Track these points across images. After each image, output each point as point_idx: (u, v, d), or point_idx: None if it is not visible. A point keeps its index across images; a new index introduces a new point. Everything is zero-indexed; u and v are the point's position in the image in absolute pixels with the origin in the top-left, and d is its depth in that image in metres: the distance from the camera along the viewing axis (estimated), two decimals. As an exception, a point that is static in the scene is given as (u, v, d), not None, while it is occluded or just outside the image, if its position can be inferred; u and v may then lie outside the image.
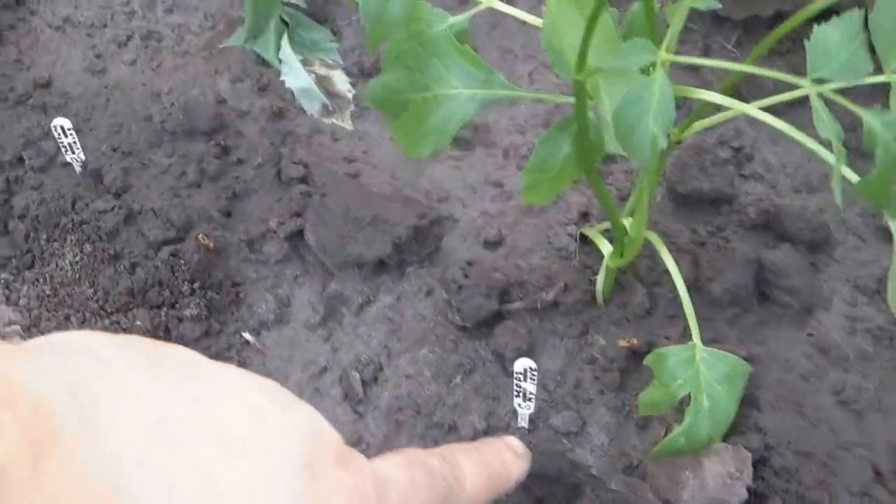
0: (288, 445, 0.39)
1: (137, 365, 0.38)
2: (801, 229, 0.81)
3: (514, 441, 0.56)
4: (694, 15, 0.76)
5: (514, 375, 0.71)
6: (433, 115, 0.63)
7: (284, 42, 0.94)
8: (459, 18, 0.65)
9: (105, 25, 1.00)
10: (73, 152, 0.85)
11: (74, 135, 0.83)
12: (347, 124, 0.92)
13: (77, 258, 0.82)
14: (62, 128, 0.83)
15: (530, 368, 0.70)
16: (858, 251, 0.82)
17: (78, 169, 0.87)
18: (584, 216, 0.85)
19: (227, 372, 0.43)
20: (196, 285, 0.81)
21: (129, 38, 0.98)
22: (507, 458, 0.54)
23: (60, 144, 0.84)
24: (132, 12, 1.01)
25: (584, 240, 0.83)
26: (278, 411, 0.41)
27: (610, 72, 0.55)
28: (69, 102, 0.92)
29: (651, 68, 0.52)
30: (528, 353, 0.77)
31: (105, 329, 0.79)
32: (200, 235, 0.82)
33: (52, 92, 0.93)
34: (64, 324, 0.80)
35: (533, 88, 0.95)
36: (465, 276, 0.80)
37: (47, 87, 0.94)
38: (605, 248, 0.76)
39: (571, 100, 0.61)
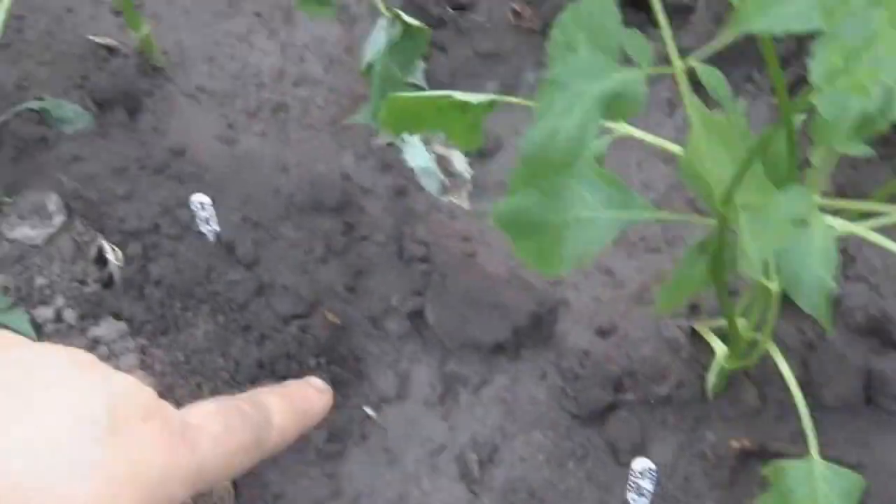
0: (90, 406, 0.41)
1: None
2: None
3: (315, 380, 0.60)
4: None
5: (631, 472, 0.74)
6: (573, 238, 0.63)
7: (408, 121, 0.97)
8: (596, 143, 0.67)
9: (236, 95, 1.04)
10: (209, 224, 0.89)
11: (212, 210, 0.88)
12: (465, 203, 0.96)
13: (210, 328, 0.86)
14: (201, 203, 0.87)
15: (650, 469, 0.73)
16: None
17: (211, 239, 0.91)
18: (693, 309, 0.87)
19: (40, 349, 0.46)
20: (322, 359, 0.85)
21: (259, 109, 1.03)
22: (311, 394, 0.58)
23: (198, 217, 0.88)
24: (262, 84, 1.05)
25: (693, 332, 0.85)
26: (80, 377, 0.43)
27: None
28: (202, 172, 0.96)
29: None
30: (640, 445, 0.79)
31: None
32: (328, 313, 0.85)
33: (187, 160, 0.98)
34: (196, 391, 0.83)
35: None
36: (582, 366, 0.83)
37: (182, 155, 0.98)
38: (719, 347, 0.79)
39: (705, 221, 0.64)
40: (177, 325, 0.87)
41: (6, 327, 0.79)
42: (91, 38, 1.08)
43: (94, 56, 1.07)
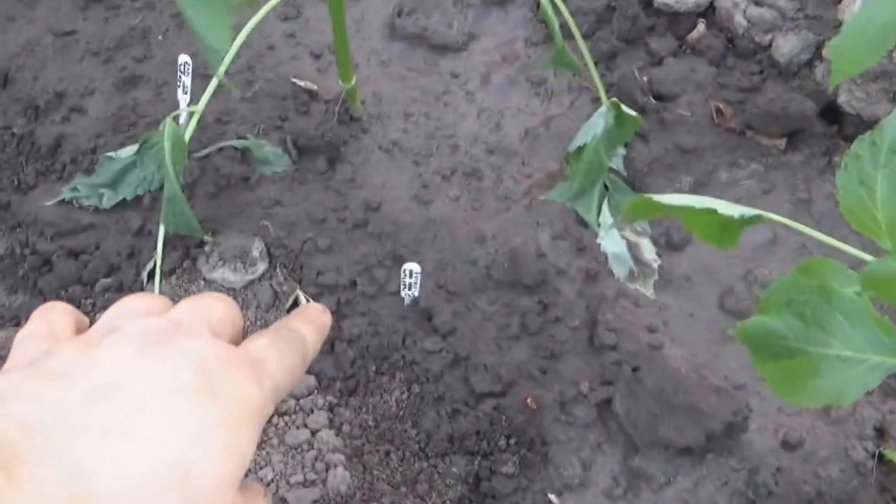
0: (185, 382, 0.49)
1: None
2: None
3: (318, 305, 0.66)
4: None
5: None
6: (831, 374, 0.62)
7: (605, 206, 0.98)
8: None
9: (430, 155, 1.05)
10: (411, 290, 0.90)
11: (420, 278, 0.88)
12: (650, 293, 0.96)
13: (404, 395, 0.87)
14: (410, 271, 0.88)
15: None
16: None
17: (407, 302, 0.92)
18: (880, 433, 0.86)
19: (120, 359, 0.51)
20: (512, 440, 0.85)
21: (453, 172, 1.03)
22: (321, 314, 0.64)
23: (404, 283, 0.89)
24: (456, 146, 1.06)
25: (881, 458, 0.84)
26: (164, 366, 0.49)
27: None
28: (399, 231, 0.97)
29: None
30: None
31: (418, 471, 0.83)
32: (530, 399, 0.86)
33: (382, 217, 0.99)
34: (384, 459, 0.84)
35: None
36: (776, 483, 0.82)
37: (378, 211, 0.99)
38: (920, 483, 0.78)
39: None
40: (367, 386, 0.88)
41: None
42: (294, 80, 1.09)
43: (295, 99, 1.08)
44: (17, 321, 0.95)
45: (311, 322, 0.64)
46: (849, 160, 0.64)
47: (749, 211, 0.66)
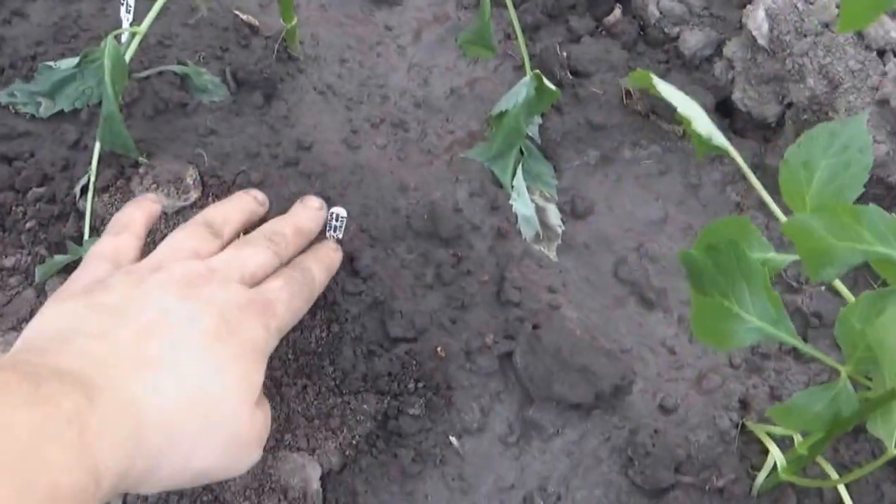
0: (206, 326, 0.55)
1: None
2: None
3: (331, 243, 0.72)
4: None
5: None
6: (728, 323, 0.62)
7: (519, 170, 0.92)
8: (779, 258, 0.63)
9: (361, 102, 0.97)
10: (336, 233, 0.83)
11: (345, 223, 0.81)
12: (553, 255, 0.91)
13: (323, 333, 0.80)
14: (337, 215, 0.81)
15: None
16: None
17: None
18: (744, 405, 0.84)
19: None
20: (420, 384, 0.79)
21: (382, 121, 0.96)
22: (333, 253, 0.71)
23: (330, 225, 0.82)
24: (386, 97, 0.98)
25: (743, 429, 0.82)
26: (190, 309, 0.57)
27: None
28: (327, 173, 0.89)
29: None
30: (690, 527, 0.77)
31: (332, 407, 0.77)
32: (440, 349, 0.80)
33: (313, 157, 0.90)
34: (301, 393, 0.77)
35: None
36: (653, 444, 0.79)
37: (309, 151, 0.91)
38: (778, 456, 0.76)
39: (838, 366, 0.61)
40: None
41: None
42: (236, 12, 0.99)
43: (236, 31, 0.98)
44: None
45: (322, 261, 0.68)
46: (803, 140, 0.63)
47: (717, 137, 0.62)
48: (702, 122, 0.62)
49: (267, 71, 0.94)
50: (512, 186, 0.91)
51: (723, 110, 1.02)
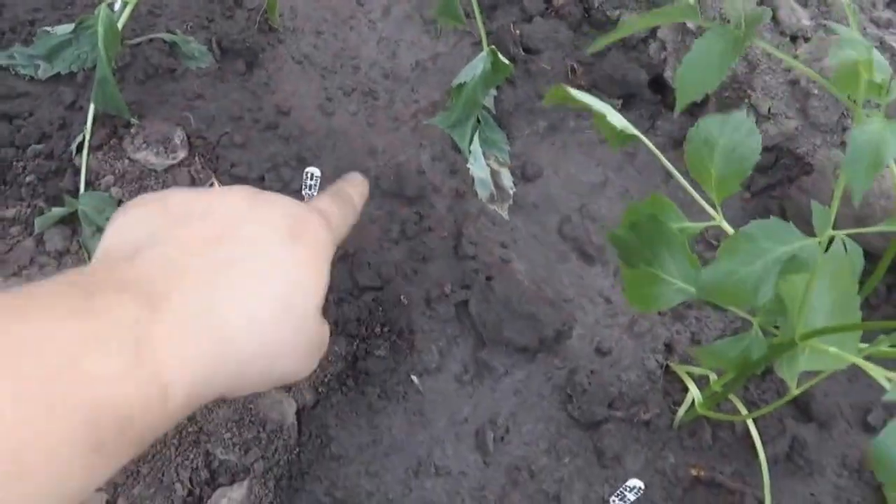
0: (278, 230, 0.46)
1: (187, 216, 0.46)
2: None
3: (358, 175, 0.63)
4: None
5: (624, 487, 0.69)
6: (651, 287, 0.60)
7: (476, 137, 0.87)
8: (694, 225, 0.60)
9: (335, 72, 0.91)
10: (311, 191, 0.78)
11: (319, 182, 0.76)
12: (504, 213, 0.87)
13: (300, 282, 0.75)
14: (312, 174, 0.76)
15: (640, 487, 0.68)
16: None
17: (307, 200, 0.79)
18: (668, 348, 0.82)
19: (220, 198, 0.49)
20: (386, 328, 0.76)
21: (353, 90, 0.90)
22: (362, 182, 0.62)
23: (304, 184, 0.77)
24: (357, 67, 0.92)
25: (667, 369, 0.80)
26: (260, 216, 0.47)
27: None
28: (304, 136, 0.84)
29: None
30: (620, 455, 0.74)
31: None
32: (403, 296, 0.76)
33: (291, 122, 0.85)
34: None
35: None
36: (589, 383, 0.77)
37: (287, 116, 0.85)
38: (696, 393, 0.74)
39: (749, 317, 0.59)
40: (269, 271, 0.76)
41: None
42: (221, -14, 0.92)
43: (222, 3, 0.91)
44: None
45: (355, 187, 0.62)
46: (701, 122, 0.59)
47: (629, 128, 0.59)
48: (614, 117, 0.58)
49: (249, 41, 0.88)
50: (469, 151, 0.87)
51: (655, 87, 0.98)
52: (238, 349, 0.42)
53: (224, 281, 0.43)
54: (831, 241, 0.55)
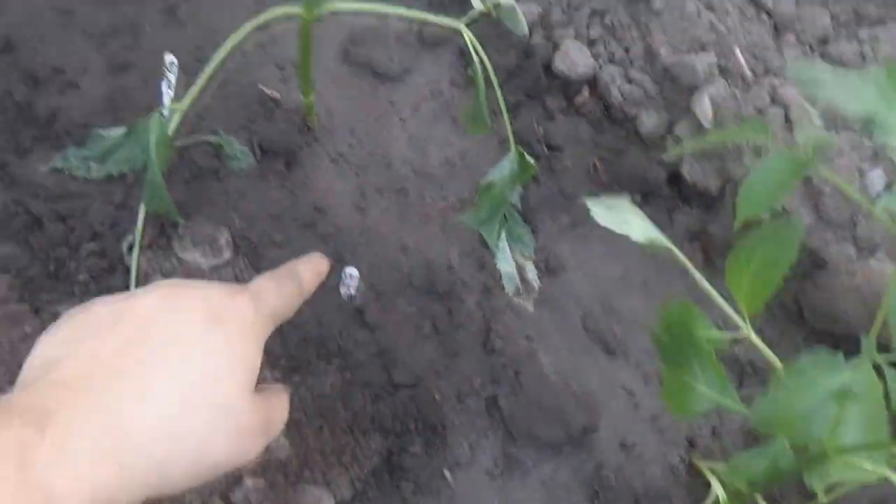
0: (194, 318, 0.47)
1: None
2: None
3: (318, 254, 0.63)
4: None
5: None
6: (688, 396, 0.63)
7: (503, 233, 0.91)
8: (720, 335, 0.64)
9: (368, 169, 0.95)
10: (349, 290, 0.81)
11: (358, 282, 0.80)
12: (530, 307, 0.90)
13: (337, 379, 0.78)
14: (350, 274, 0.79)
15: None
16: None
17: (345, 298, 0.83)
18: (691, 443, 0.84)
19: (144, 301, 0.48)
20: (419, 424, 0.78)
21: (386, 187, 0.94)
22: (319, 259, 0.62)
23: (343, 283, 0.80)
24: (389, 164, 0.96)
25: (690, 464, 0.82)
26: (177, 307, 0.47)
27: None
28: (340, 234, 0.88)
29: None
30: (646, 551, 0.76)
31: (345, 444, 0.76)
32: (436, 392, 0.79)
33: (328, 220, 0.89)
34: (318, 432, 0.76)
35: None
36: (615, 478, 0.79)
37: (324, 214, 0.89)
38: (720, 493, 0.76)
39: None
40: (308, 368, 0.79)
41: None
42: (261, 87, 0.97)
43: (262, 105, 0.96)
44: (6, 269, 0.81)
45: (307, 263, 0.61)
46: (741, 246, 0.62)
47: (661, 241, 0.66)
48: (638, 232, 0.63)
49: (288, 141, 0.92)
50: (497, 247, 0.90)
51: (673, 181, 1.02)
52: (149, 451, 0.41)
53: (130, 384, 0.43)
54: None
